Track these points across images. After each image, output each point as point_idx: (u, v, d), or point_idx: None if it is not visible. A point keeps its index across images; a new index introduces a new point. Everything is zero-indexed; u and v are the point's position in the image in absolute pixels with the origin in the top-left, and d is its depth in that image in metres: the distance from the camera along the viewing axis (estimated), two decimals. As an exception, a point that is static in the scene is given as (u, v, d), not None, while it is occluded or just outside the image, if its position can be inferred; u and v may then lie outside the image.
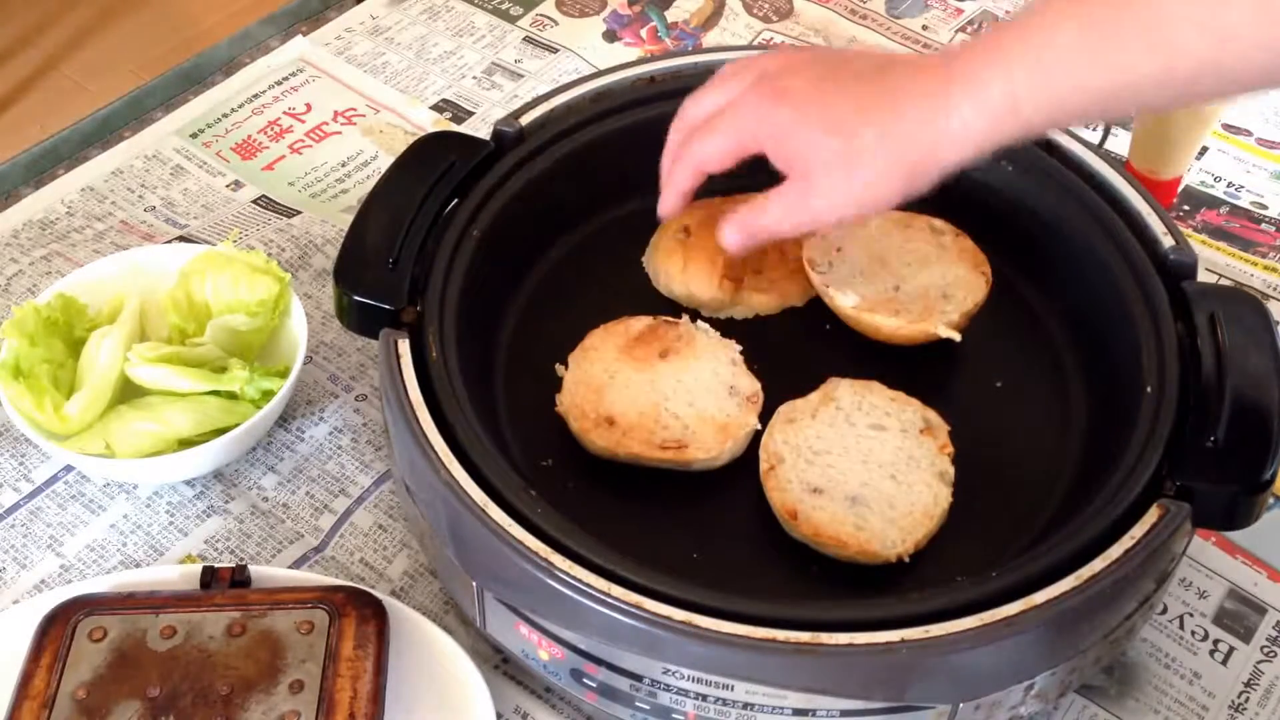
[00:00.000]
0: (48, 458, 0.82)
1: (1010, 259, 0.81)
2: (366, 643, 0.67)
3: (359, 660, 0.66)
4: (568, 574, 0.61)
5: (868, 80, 0.67)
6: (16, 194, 1.01)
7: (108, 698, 0.65)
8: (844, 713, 0.61)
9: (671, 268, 0.82)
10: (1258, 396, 0.67)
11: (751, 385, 0.75)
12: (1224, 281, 0.94)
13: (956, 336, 0.77)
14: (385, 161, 1.01)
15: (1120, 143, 1.00)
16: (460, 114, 1.07)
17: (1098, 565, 0.62)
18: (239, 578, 0.71)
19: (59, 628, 0.68)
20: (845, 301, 0.77)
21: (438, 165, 0.79)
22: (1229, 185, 1.02)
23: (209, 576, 0.71)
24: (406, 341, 0.71)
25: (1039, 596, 0.61)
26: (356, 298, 0.73)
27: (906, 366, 0.78)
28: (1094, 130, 1.05)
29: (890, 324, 0.77)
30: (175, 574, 0.74)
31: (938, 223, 0.82)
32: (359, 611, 0.68)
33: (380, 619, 0.68)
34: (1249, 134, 1.06)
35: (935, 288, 0.79)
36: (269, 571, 0.73)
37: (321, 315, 0.90)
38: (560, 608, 0.62)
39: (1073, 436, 0.76)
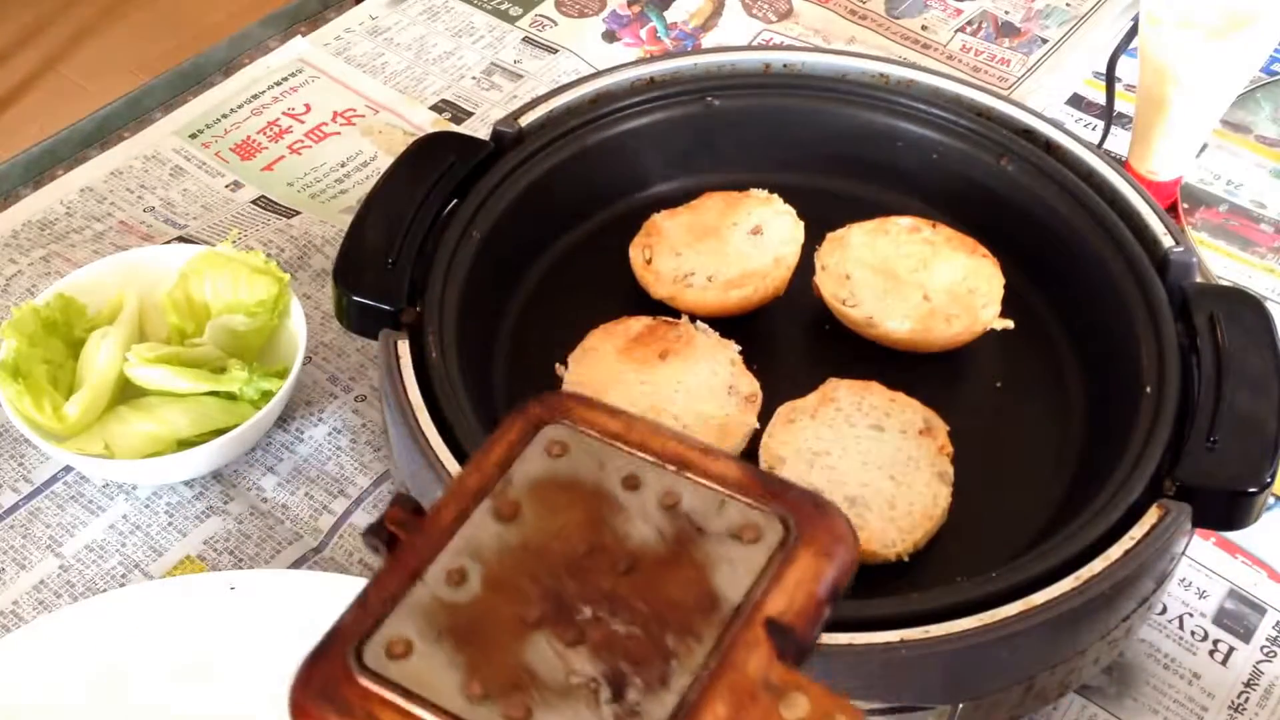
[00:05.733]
0: (47, 458, 0.82)
1: (1010, 259, 0.81)
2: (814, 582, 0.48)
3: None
4: (567, 574, 0.61)
5: None
6: (16, 194, 1.01)
7: (535, 531, 0.49)
8: (844, 713, 0.61)
9: (637, 260, 0.82)
10: (1258, 397, 0.67)
11: (751, 385, 0.75)
12: (1223, 282, 0.94)
13: (1010, 324, 0.78)
14: (385, 162, 1.01)
15: (1120, 143, 1.00)
16: (459, 114, 1.07)
17: (1097, 566, 0.62)
18: None
19: (524, 426, 0.52)
20: (900, 328, 0.77)
21: (437, 166, 0.79)
22: (1228, 183, 1.02)
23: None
24: (406, 342, 0.71)
25: (1039, 597, 0.61)
26: (356, 298, 0.73)
27: (906, 367, 0.78)
28: (1094, 130, 1.05)
29: (948, 333, 0.77)
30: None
31: (905, 220, 0.83)
32: (820, 546, 0.48)
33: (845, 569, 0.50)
34: (1249, 131, 1.06)
35: (958, 284, 0.79)
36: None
37: (321, 316, 0.90)
38: (560, 608, 0.62)
39: (1073, 437, 0.76)
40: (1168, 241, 0.76)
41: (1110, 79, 0.97)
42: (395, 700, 0.42)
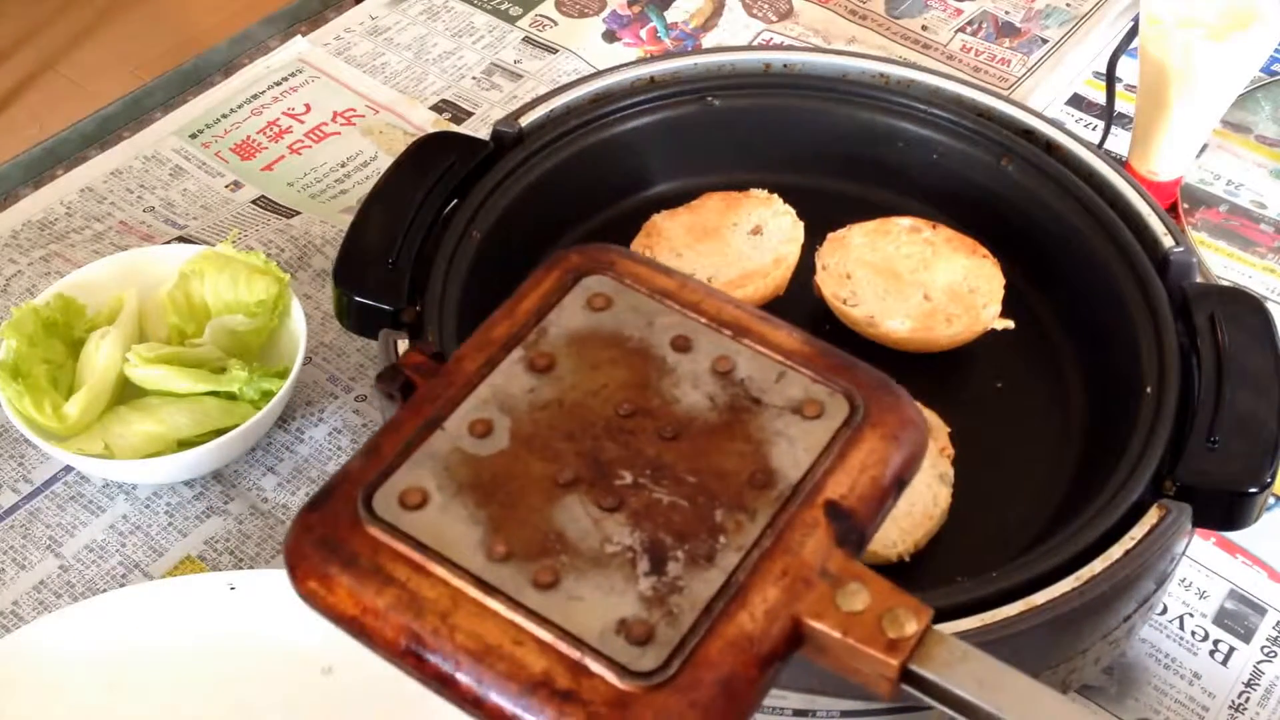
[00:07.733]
0: (47, 458, 0.82)
1: (1010, 260, 0.81)
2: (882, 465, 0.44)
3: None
4: (567, 575, 0.61)
5: None
6: (15, 194, 1.01)
7: (571, 388, 0.44)
8: (844, 713, 0.61)
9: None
10: (1258, 397, 0.67)
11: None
12: (1223, 282, 0.94)
13: (1010, 324, 0.78)
14: (385, 162, 1.01)
15: (1120, 143, 1.00)
16: (459, 114, 1.07)
17: (1098, 566, 0.62)
18: None
19: (561, 275, 0.47)
20: (900, 328, 0.78)
21: (437, 166, 0.79)
22: (1228, 183, 1.02)
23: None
24: (406, 342, 0.71)
25: (1039, 597, 0.61)
26: (356, 298, 0.73)
27: (906, 367, 0.78)
28: (1094, 130, 1.05)
29: (949, 333, 0.77)
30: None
31: (905, 220, 0.83)
32: (888, 429, 0.45)
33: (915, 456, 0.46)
34: (1249, 131, 1.06)
35: (959, 284, 0.79)
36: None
37: (321, 316, 0.90)
38: (560, 608, 0.62)
39: (1073, 437, 0.76)
40: (1168, 241, 0.76)
41: (1110, 79, 0.97)
42: (408, 553, 0.37)
